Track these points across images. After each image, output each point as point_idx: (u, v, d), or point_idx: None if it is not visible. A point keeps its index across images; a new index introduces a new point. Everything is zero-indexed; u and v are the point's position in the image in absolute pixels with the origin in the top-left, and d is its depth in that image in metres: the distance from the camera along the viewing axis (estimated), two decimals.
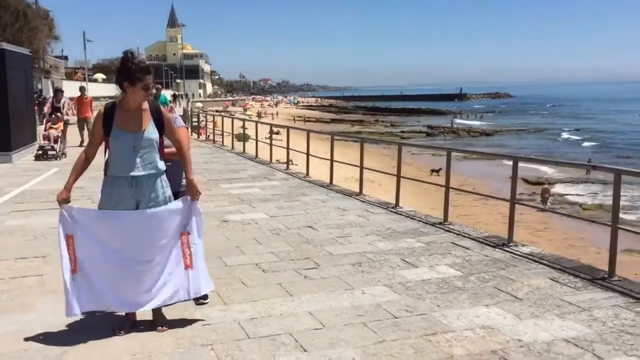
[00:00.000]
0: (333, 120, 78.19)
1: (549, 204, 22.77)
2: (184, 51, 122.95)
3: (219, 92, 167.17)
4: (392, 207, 8.90)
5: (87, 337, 4.12)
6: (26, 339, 4.09)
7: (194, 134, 23.62)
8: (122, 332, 4.16)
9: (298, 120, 71.06)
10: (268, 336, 4.20)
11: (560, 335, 4.19)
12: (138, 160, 4.06)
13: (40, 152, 14.86)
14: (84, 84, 32.16)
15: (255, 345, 4.05)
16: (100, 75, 68.36)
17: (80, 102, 17.90)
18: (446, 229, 7.54)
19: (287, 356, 3.89)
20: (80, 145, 15.96)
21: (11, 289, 5.15)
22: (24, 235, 7.11)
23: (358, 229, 7.48)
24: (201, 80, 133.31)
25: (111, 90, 60.24)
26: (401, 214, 8.45)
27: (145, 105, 4.14)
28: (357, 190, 10.26)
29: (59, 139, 15.26)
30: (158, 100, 15.65)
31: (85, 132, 16.80)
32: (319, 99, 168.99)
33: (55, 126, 15.36)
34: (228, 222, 7.88)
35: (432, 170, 26.91)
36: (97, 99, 52.50)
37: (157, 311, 4.30)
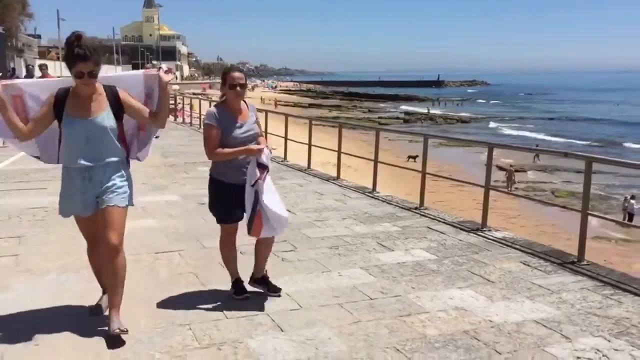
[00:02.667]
0: (311, 105, 78.10)
1: (514, 188, 23.36)
2: (161, 32, 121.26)
3: (196, 74, 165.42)
4: (369, 192, 8.99)
5: (62, 318, 4.13)
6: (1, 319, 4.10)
7: (171, 116, 23.41)
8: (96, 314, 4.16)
9: (279, 104, 70.81)
10: (245, 316, 4.25)
11: (530, 317, 4.31)
12: (89, 149, 3.77)
13: None
14: (47, 62, 31.57)
15: (233, 325, 4.10)
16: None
17: None
18: (422, 213, 7.66)
19: (264, 335, 3.95)
20: None
21: None
22: None
23: (335, 213, 7.55)
24: (178, 62, 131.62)
25: None
26: (378, 199, 8.55)
27: (101, 89, 3.83)
28: (335, 175, 10.32)
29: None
30: None
31: None
32: (297, 84, 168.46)
33: None
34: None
35: (409, 157, 27.10)
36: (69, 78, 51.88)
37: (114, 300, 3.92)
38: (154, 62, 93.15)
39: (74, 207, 3.88)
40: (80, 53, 3.60)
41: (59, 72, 46.32)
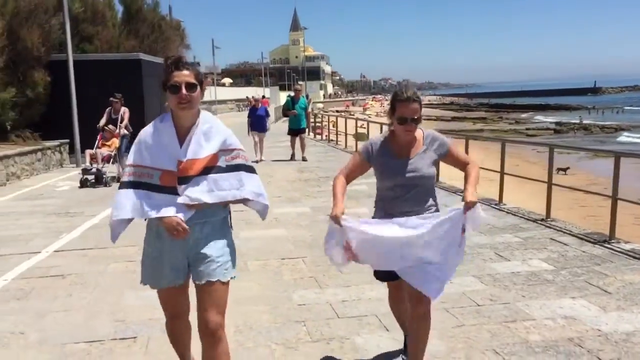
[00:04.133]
0: (454, 118, 76.72)
1: None
2: (306, 53, 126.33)
3: (339, 92, 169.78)
4: (495, 204, 8.94)
5: None
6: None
7: (311, 134, 24.46)
8: None
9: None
10: (356, 317, 4.61)
11: None
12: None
13: (83, 177, 11.85)
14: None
15: (343, 324, 4.47)
16: (227, 80, 72.22)
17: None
18: (547, 225, 7.52)
19: (370, 334, 4.28)
20: None
21: None
22: None
23: None
24: (322, 81, 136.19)
25: (236, 93, 63.93)
26: (503, 210, 8.49)
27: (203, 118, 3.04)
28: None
29: (111, 160, 12.08)
30: (297, 104, 15.82)
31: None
32: (440, 97, 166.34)
33: (108, 143, 12.19)
34: None
35: (559, 169, 25.70)
36: (223, 102, 55.82)
37: None
38: (300, 82, 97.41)
39: (162, 274, 3.06)
40: (175, 58, 2.98)
41: (214, 97, 50.20)
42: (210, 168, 2.96)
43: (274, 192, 10.34)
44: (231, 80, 71.62)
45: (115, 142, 12.18)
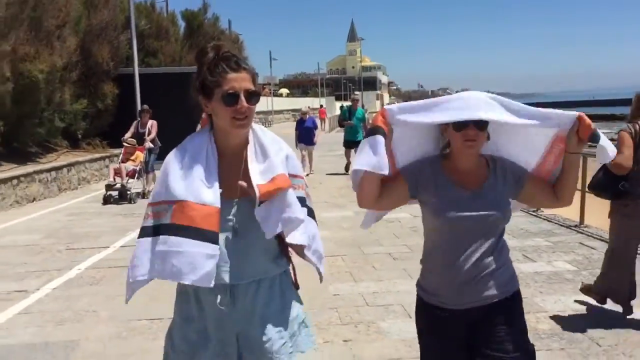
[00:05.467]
0: None
1: None
2: (363, 64, 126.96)
3: (396, 102, 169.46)
4: (533, 210, 9.24)
5: None
6: None
7: None
8: None
9: None
10: (383, 305, 5.14)
11: None
12: (235, 254, 2.10)
13: (107, 193, 11.28)
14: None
15: (371, 311, 5.01)
16: (284, 90, 73.66)
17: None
18: (580, 230, 7.80)
19: (395, 319, 4.80)
20: None
21: None
22: None
23: None
24: (378, 92, 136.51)
25: (292, 104, 65.06)
26: (540, 217, 8.80)
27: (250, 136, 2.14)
28: None
29: (135, 175, 11.45)
30: (354, 115, 15.00)
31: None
32: None
33: (132, 157, 11.53)
34: None
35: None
36: (280, 112, 57.00)
37: None
38: (357, 92, 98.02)
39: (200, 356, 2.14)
40: (229, 56, 2.05)
41: (270, 107, 51.37)
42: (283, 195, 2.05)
43: (322, 197, 10.95)
44: (288, 91, 73.13)
45: (140, 155, 11.55)
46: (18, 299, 5.59)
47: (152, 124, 11.89)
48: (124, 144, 11.57)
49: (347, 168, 14.97)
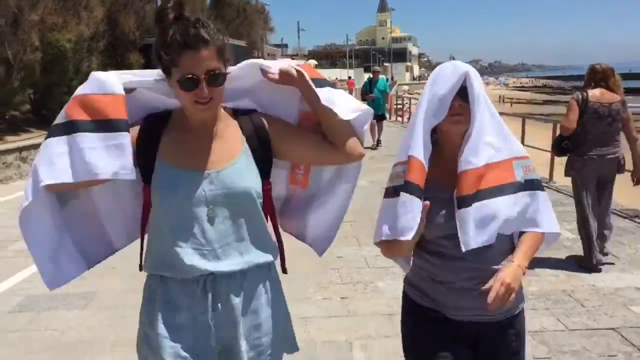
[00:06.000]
0: (546, 102, 74.16)
1: None
2: (393, 35, 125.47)
3: (426, 74, 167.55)
4: (546, 182, 9.34)
5: None
6: None
7: (394, 116, 24.35)
8: None
9: (506, 102, 69.01)
10: (383, 267, 5.39)
11: (634, 285, 4.72)
12: (214, 238, 1.79)
13: None
14: None
15: (371, 272, 5.28)
16: (312, 62, 73.08)
17: None
18: None
19: (392, 280, 5.06)
20: None
21: None
22: None
23: None
24: (408, 63, 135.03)
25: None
26: (552, 188, 8.90)
27: (226, 117, 1.88)
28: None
29: None
30: (375, 87, 14.52)
31: None
32: (533, 79, 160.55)
33: None
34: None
35: None
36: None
37: None
38: (385, 64, 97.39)
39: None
40: (193, 34, 1.67)
41: None
42: None
43: None
44: (316, 62, 72.73)
45: None
46: None
47: None
48: None
49: (377, 143, 14.70)
